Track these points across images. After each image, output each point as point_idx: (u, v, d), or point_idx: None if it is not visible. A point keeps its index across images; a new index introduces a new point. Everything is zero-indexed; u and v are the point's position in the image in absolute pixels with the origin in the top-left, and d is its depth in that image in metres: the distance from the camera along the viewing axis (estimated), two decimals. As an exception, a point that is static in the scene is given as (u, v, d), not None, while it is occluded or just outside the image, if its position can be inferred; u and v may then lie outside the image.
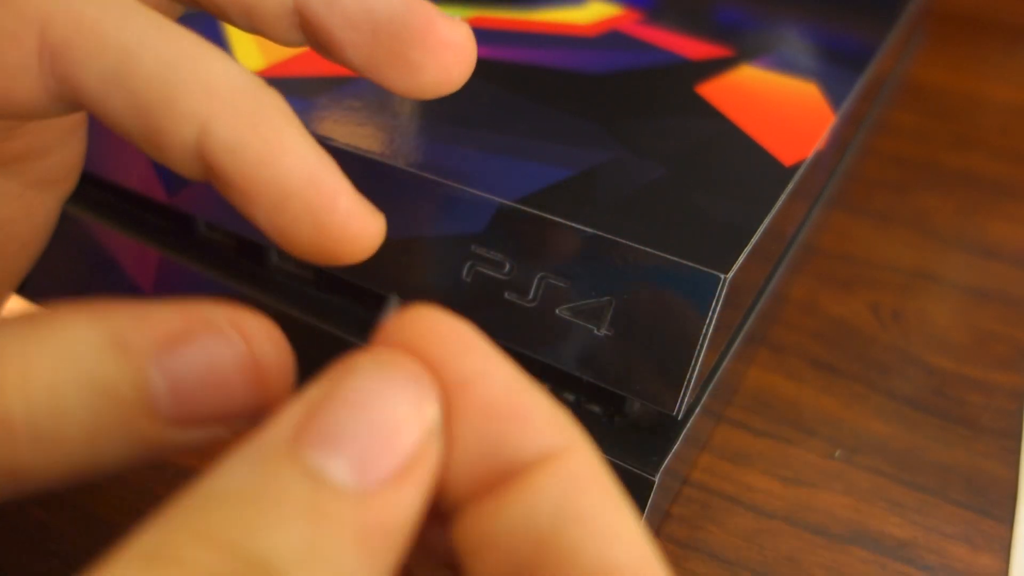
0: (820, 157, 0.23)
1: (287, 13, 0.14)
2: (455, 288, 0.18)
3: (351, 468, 0.09)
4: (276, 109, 0.12)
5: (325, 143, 0.20)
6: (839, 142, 0.26)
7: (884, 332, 0.27)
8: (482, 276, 0.18)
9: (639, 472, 0.17)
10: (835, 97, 0.24)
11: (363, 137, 0.20)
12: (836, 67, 0.26)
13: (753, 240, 0.18)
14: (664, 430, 0.18)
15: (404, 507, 0.09)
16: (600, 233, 0.17)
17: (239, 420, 0.11)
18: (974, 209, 0.33)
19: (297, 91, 0.22)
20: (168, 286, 0.23)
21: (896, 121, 0.38)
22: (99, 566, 0.08)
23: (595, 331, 0.17)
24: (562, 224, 0.17)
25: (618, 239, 0.17)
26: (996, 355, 0.26)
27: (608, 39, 0.27)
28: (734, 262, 0.17)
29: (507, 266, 0.18)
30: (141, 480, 0.20)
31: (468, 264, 0.18)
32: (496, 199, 0.18)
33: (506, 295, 0.18)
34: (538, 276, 0.18)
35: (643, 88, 0.24)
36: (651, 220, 0.18)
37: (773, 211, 0.19)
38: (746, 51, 0.27)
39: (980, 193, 0.34)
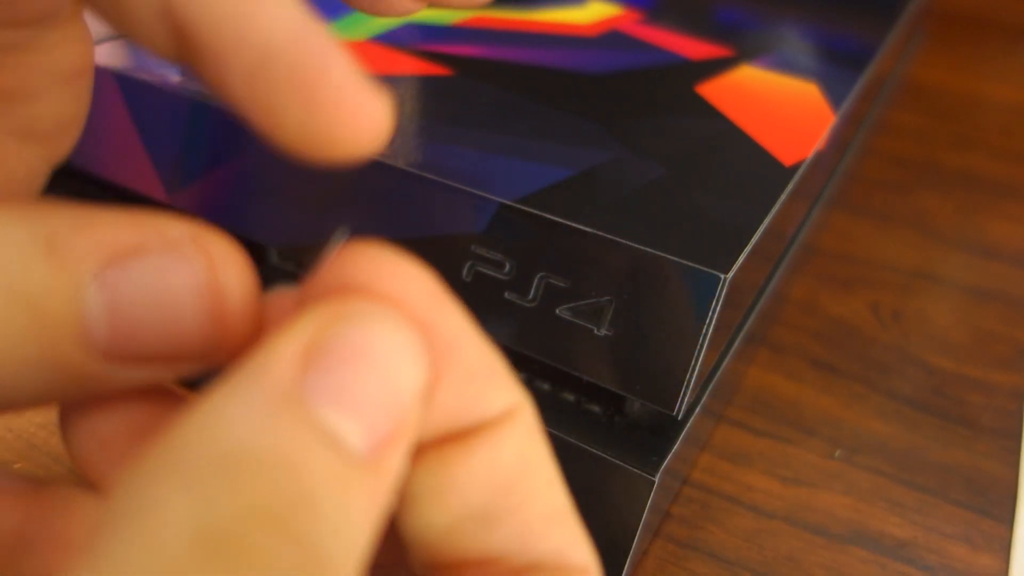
0: (820, 157, 0.23)
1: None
2: (455, 288, 0.18)
3: (363, 433, 0.08)
4: None
5: (325, 143, 0.20)
6: (839, 142, 0.26)
7: (884, 332, 0.27)
8: (482, 276, 0.18)
9: (639, 472, 0.17)
10: (835, 97, 0.24)
11: (363, 137, 0.20)
12: (836, 67, 0.26)
13: (753, 240, 0.18)
14: (664, 430, 0.18)
15: (395, 472, 0.09)
16: (600, 233, 0.17)
17: (188, 363, 0.10)
18: (974, 209, 0.33)
19: (297, 91, 0.22)
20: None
21: (896, 121, 0.38)
22: (135, 542, 0.07)
23: (595, 331, 0.17)
24: (562, 224, 0.17)
25: (618, 239, 0.17)
26: (996, 355, 0.26)
27: (608, 39, 0.27)
28: (734, 262, 0.17)
29: (507, 266, 0.18)
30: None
31: (468, 264, 0.18)
32: (496, 199, 0.18)
33: (506, 295, 0.18)
34: (538, 276, 0.18)
35: (643, 88, 0.24)
36: (651, 220, 0.18)
37: (773, 211, 0.19)
38: (746, 51, 0.27)
39: (980, 193, 0.34)
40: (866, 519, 0.21)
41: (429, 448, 0.10)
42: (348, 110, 0.10)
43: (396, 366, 0.09)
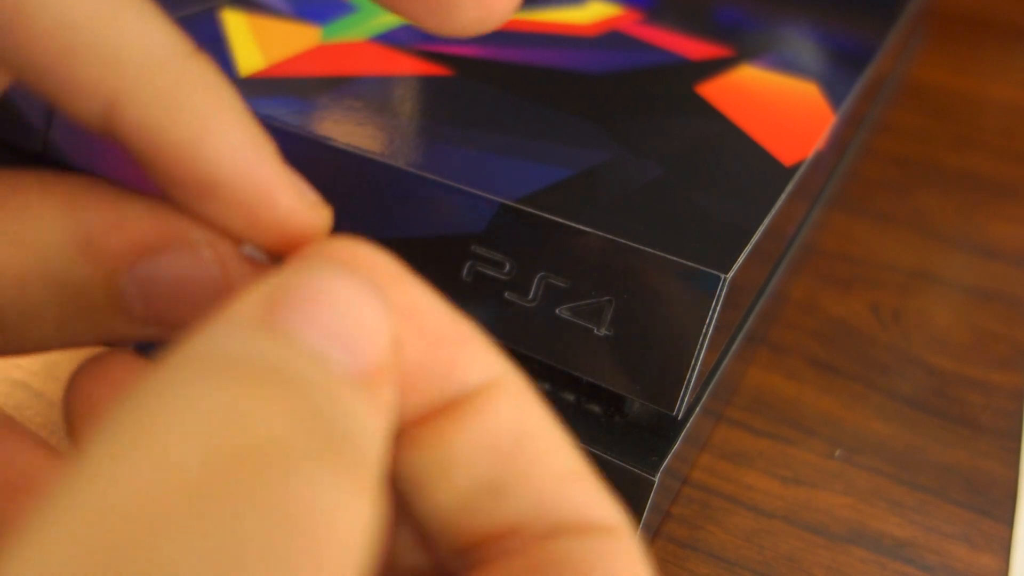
0: (820, 157, 0.23)
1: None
2: (455, 288, 0.18)
3: (347, 355, 0.08)
4: (200, 85, 0.10)
5: (325, 143, 0.20)
6: (839, 142, 0.26)
7: (884, 332, 0.27)
8: (482, 276, 0.18)
9: (639, 472, 0.17)
10: (835, 97, 0.24)
11: (363, 137, 0.20)
12: (836, 67, 0.26)
13: (753, 240, 0.18)
14: (664, 430, 0.18)
15: (390, 406, 0.09)
16: (600, 233, 0.17)
17: None
18: (974, 209, 0.33)
19: (297, 91, 0.22)
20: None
21: (896, 121, 0.38)
22: None
23: (595, 331, 0.17)
24: (562, 224, 0.17)
25: (618, 239, 0.17)
26: (996, 355, 0.26)
27: (608, 39, 0.27)
28: (734, 262, 0.17)
29: (507, 266, 0.18)
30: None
31: (468, 264, 0.18)
32: (496, 199, 0.18)
33: (506, 295, 0.18)
34: (538, 276, 0.18)
35: (643, 88, 0.24)
36: (651, 220, 0.18)
37: (773, 211, 0.19)
38: (746, 51, 0.27)
39: (980, 193, 0.34)
40: (866, 519, 0.21)
41: (422, 426, 0.10)
42: (290, 231, 0.10)
43: (358, 305, 0.09)
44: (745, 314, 0.21)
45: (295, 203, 0.10)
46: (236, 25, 0.26)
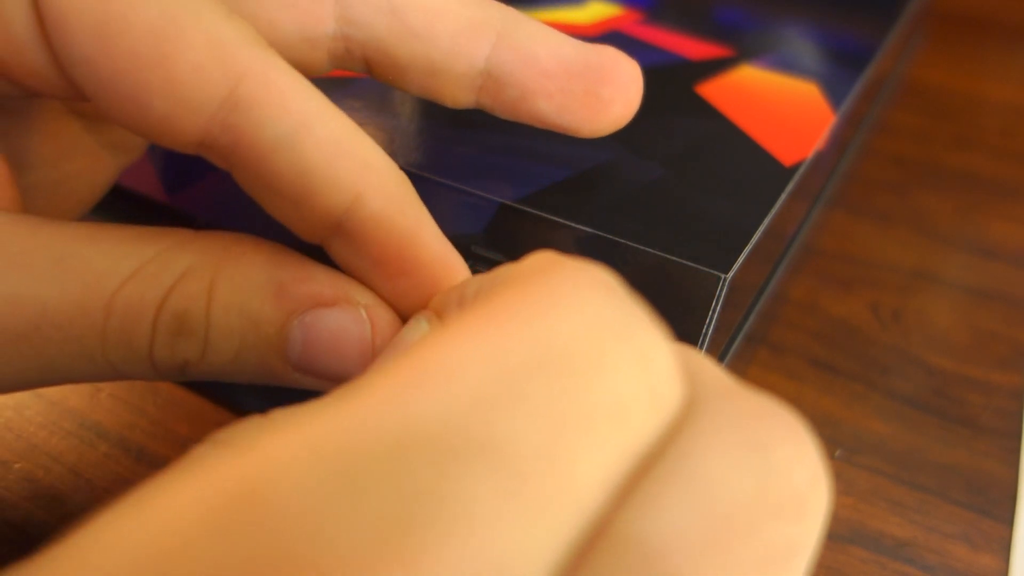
0: (820, 157, 0.23)
1: (475, 75, 0.15)
2: (455, 288, 0.18)
3: None
4: (411, 191, 0.13)
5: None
6: (839, 142, 0.26)
7: (884, 332, 0.27)
8: (482, 276, 0.18)
9: (639, 472, 0.17)
10: (835, 97, 0.24)
11: (363, 137, 0.20)
12: (836, 67, 0.26)
13: (753, 240, 0.18)
14: (664, 430, 0.18)
15: None
16: (600, 233, 0.17)
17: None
18: (974, 209, 0.33)
19: (297, 91, 0.22)
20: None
21: (896, 121, 0.38)
22: None
23: (595, 331, 0.17)
24: (562, 224, 0.17)
25: (618, 239, 0.17)
26: (996, 355, 0.26)
27: (608, 39, 0.27)
28: (734, 262, 0.17)
29: (507, 266, 0.18)
30: (136, 478, 0.20)
31: (468, 264, 0.18)
32: (496, 199, 0.18)
33: (506, 295, 0.18)
34: (538, 276, 0.18)
35: (643, 88, 0.24)
36: (651, 220, 0.18)
37: (773, 211, 0.19)
38: (746, 51, 0.27)
39: (980, 193, 0.34)
40: (866, 519, 0.21)
41: None
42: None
43: None
44: (745, 314, 0.21)
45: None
46: (236, 25, 0.26)
